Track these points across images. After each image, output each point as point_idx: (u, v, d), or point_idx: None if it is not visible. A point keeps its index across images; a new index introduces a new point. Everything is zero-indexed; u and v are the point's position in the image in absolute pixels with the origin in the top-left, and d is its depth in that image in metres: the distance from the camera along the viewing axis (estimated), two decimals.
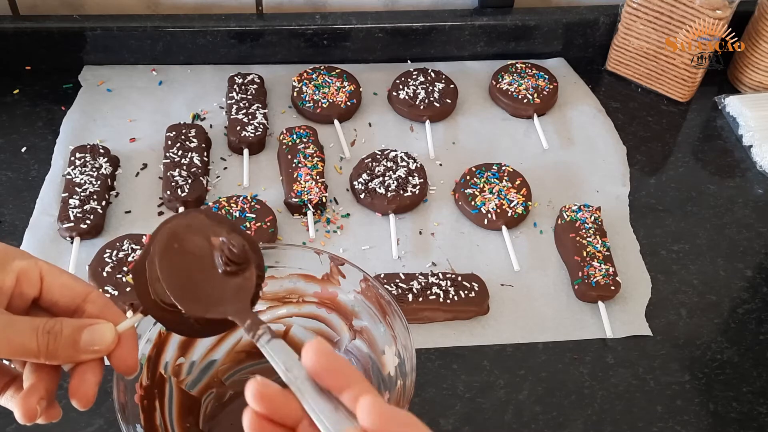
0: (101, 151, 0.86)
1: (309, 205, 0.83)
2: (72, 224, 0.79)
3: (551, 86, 0.99)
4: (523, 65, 1.01)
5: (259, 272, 0.48)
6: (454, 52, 1.04)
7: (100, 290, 0.54)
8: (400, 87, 0.97)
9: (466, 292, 0.76)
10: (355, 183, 0.86)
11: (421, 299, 0.75)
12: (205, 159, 0.88)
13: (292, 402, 0.38)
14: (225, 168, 0.89)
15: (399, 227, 0.84)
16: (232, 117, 0.91)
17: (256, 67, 1.00)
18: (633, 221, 0.87)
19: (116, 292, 0.73)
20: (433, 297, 0.75)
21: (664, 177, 0.93)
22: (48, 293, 0.45)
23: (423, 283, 0.76)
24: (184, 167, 0.85)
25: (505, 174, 0.88)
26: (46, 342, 0.42)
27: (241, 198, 0.82)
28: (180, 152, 0.86)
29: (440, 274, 0.77)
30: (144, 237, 0.78)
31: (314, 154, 0.88)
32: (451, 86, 0.98)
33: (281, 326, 0.66)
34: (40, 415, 0.43)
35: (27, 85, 0.97)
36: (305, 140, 0.89)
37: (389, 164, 0.87)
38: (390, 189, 0.85)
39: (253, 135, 0.90)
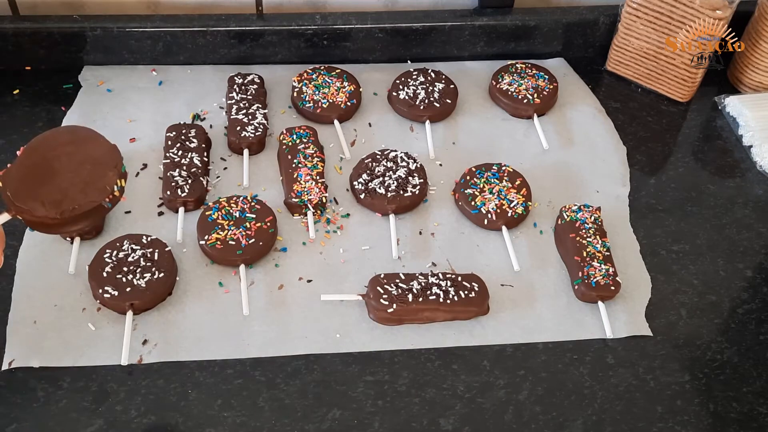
0: None
1: (309, 205, 0.83)
2: None
3: (551, 86, 0.99)
4: (523, 65, 1.01)
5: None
6: (454, 52, 1.04)
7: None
8: (400, 87, 0.97)
9: (466, 292, 0.76)
10: (355, 183, 0.86)
11: (421, 299, 0.75)
12: (205, 159, 0.88)
13: None
14: (225, 168, 0.89)
15: (399, 227, 0.84)
16: (232, 117, 0.91)
17: (256, 67, 1.00)
18: (633, 221, 0.87)
19: (116, 292, 0.73)
20: (433, 297, 0.75)
21: (664, 177, 0.93)
22: None
23: (423, 284, 0.76)
24: (184, 167, 0.85)
25: (505, 174, 0.88)
26: None
27: (241, 198, 0.82)
28: (180, 152, 0.86)
29: (440, 275, 0.77)
30: (144, 237, 0.78)
31: (314, 155, 0.88)
32: (451, 86, 0.98)
33: None
34: None
35: (27, 85, 0.97)
36: (305, 140, 0.89)
37: (389, 164, 0.87)
38: (390, 189, 0.85)
39: (253, 135, 0.90)
